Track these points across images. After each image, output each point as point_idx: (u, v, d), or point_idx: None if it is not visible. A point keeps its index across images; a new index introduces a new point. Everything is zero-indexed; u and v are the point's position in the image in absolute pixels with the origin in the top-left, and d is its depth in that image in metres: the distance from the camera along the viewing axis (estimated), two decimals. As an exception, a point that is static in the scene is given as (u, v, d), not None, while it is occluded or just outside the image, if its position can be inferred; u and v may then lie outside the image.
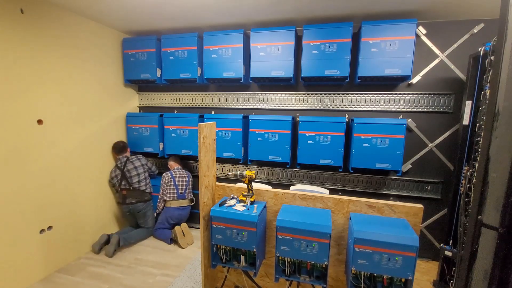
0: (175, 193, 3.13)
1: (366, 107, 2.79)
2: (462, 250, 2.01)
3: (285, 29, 2.66)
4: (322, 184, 2.98)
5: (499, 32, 1.08)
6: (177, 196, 3.13)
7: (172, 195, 3.13)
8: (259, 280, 2.12)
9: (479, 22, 2.44)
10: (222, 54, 2.86)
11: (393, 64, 2.42)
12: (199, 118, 3.13)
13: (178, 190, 3.14)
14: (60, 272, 2.54)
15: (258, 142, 2.89)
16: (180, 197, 3.15)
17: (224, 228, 1.78)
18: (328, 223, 1.61)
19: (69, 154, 2.64)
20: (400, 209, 1.70)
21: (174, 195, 3.13)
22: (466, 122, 2.18)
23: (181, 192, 3.15)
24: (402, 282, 1.50)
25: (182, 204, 3.16)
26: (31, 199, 2.31)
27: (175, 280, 2.44)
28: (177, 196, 3.13)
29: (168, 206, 3.13)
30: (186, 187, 3.18)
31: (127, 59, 3.20)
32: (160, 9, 2.51)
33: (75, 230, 2.75)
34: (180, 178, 3.18)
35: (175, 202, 3.13)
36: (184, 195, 3.17)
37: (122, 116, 3.33)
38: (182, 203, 3.16)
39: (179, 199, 3.14)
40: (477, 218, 1.14)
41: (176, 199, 3.13)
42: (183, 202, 3.17)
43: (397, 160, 2.52)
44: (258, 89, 3.12)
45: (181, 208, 3.15)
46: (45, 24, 2.36)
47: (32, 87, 2.28)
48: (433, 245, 2.78)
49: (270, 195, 1.96)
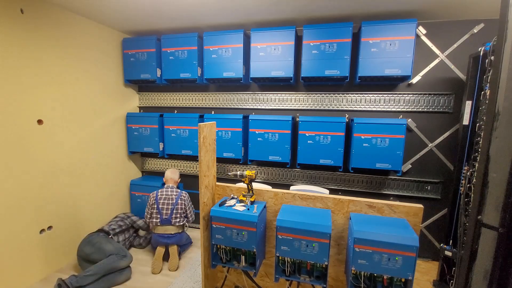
0: (159, 218, 2.66)
1: (366, 107, 2.79)
2: (462, 250, 2.01)
3: (285, 29, 2.66)
4: (322, 184, 2.98)
5: (499, 32, 1.08)
6: (161, 222, 2.66)
7: (155, 220, 2.67)
8: (259, 280, 2.12)
9: (479, 22, 2.44)
10: (222, 54, 2.86)
11: (393, 64, 2.42)
12: (199, 118, 3.13)
13: (162, 215, 2.66)
14: (60, 272, 2.54)
15: (258, 142, 2.89)
16: (165, 223, 2.65)
17: (224, 228, 1.78)
18: (328, 223, 1.61)
19: (69, 154, 2.64)
20: (400, 209, 1.70)
21: (158, 220, 2.66)
22: (466, 122, 2.18)
23: (165, 217, 2.66)
24: (402, 282, 1.50)
25: (168, 231, 2.65)
26: (31, 199, 2.31)
27: (175, 280, 2.44)
28: (160, 221, 2.66)
29: (153, 232, 2.70)
30: (172, 211, 2.68)
31: (127, 59, 3.19)
32: (160, 9, 2.51)
33: (75, 230, 2.75)
34: (165, 201, 2.70)
35: (160, 229, 2.66)
36: (170, 220, 2.66)
37: (122, 116, 3.33)
38: (167, 229, 2.65)
39: (163, 225, 2.66)
40: (477, 218, 1.14)
41: (159, 224, 2.66)
42: (169, 229, 2.65)
43: (397, 160, 2.52)
44: (258, 89, 3.12)
45: (166, 236, 2.65)
46: (45, 24, 2.36)
47: (32, 87, 2.28)
48: (433, 245, 2.78)
49: (270, 195, 1.96)
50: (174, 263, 2.62)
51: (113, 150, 3.20)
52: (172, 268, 2.60)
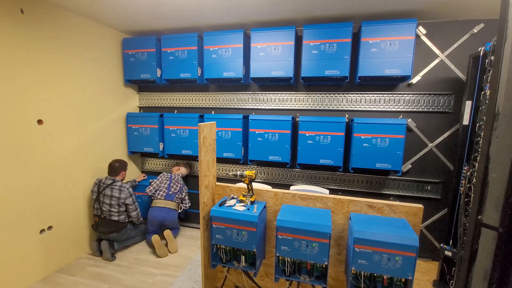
0: (165, 193, 3.00)
1: (366, 107, 2.79)
2: (462, 250, 2.01)
3: (285, 29, 2.66)
4: (322, 184, 2.98)
5: (499, 32, 1.08)
6: (165, 196, 2.99)
7: (162, 194, 3.00)
8: (259, 280, 2.12)
9: (479, 22, 2.44)
10: (222, 54, 2.86)
11: (393, 64, 2.42)
12: (199, 118, 3.13)
13: (169, 191, 3.02)
14: (60, 272, 2.54)
15: (258, 142, 2.89)
16: (168, 198, 2.99)
17: (224, 228, 1.78)
18: (328, 223, 1.61)
19: (69, 154, 2.64)
20: (400, 209, 1.70)
21: (163, 194, 2.99)
22: (466, 122, 2.18)
23: (171, 192, 3.02)
24: (402, 282, 1.50)
25: (167, 205, 2.96)
26: (31, 199, 2.31)
27: (175, 280, 2.44)
28: (165, 196, 2.99)
29: (153, 206, 2.97)
30: (178, 191, 3.07)
31: (127, 59, 3.20)
32: (160, 9, 2.51)
33: (75, 230, 2.75)
34: (176, 182, 3.10)
35: (161, 202, 2.96)
36: (173, 196, 3.02)
37: (122, 116, 3.33)
38: (167, 204, 2.97)
39: (166, 199, 2.98)
40: (477, 218, 1.14)
41: (163, 198, 2.98)
42: (169, 203, 2.98)
43: (397, 160, 2.52)
44: (258, 89, 3.12)
45: (165, 209, 2.94)
46: (45, 24, 2.36)
47: (32, 87, 2.28)
48: (433, 245, 2.78)
49: (270, 195, 1.96)
50: (173, 245, 2.88)
51: (113, 150, 3.20)
52: (173, 250, 2.87)
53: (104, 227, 2.73)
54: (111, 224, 2.75)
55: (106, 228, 2.73)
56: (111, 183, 2.78)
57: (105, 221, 2.74)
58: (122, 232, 2.81)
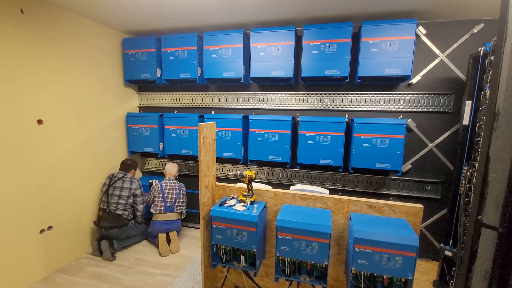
0: (163, 206, 2.92)
1: (366, 107, 2.78)
2: (462, 250, 2.01)
3: (285, 29, 2.66)
4: (322, 184, 2.98)
5: (499, 32, 1.08)
6: (165, 209, 2.91)
7: (160, 208, 2.91)
8: (259, 280, 2.12)
9: (479, 22, 2.44)
10: (222, 54, 2.86)
11: (393, 64, 2.42)
12: (199, 118, 3.13)
13: (166, 203, 2.93)
14: (60, 272, 2.54)
15: (258, 142, 2.89)
16: (168, 210, 2.92)
17: (224, 228, 1.78)
18: (328, 223, 1.61)
19: (69, 154, 2.63)
20: (400, 209, 1.70)
21: (162, 208, 2.91)
22: (466, 122, 2.18)
23: (169, 205, 2.94)
24: (402, 282, 1.50)
25: (170, 218, 2.92)
26: (31, 199, 2.31)
27: (175, 280, 2.44)
28: (164, 209, 2.91)
29: (154, 220, 2.91)
30: (175, 200, 2.97)
31: (127, 59, 3.19)
32: (160, 9, 2.51)
33: (75, 230, 2.75)
34: (170, 190, 2.98)
35: (162, 216, 2.91)
36: (173, 207, 2.94)
37: (122, 116, 3.33)
38: (169, 216, 2.92)
39: (166, 212, 2.91)
40: (477, 218, 1.14)
41: (163, 212, 2.90)
42: (171, 215, 2.93)
43: (397, 160, 2.52)
44: (258, 89, 3.12)
45: (168, 222, 2.92)
46: (45, 24, 2.36)
47: (32, 87, 2.28)
48: (433, 245, 2.78)
49: (270, 195, 1.96)
50: (176, 246, 2.92)
51: (113, 150, 3.20)
52: (174, 251, 2.90)
53: (107, 221, 2.76)
54: (115, 218, 2.79)
55: (108, 222, 2.76)
56: (123, 176, 2.93)
57: (109, 215, 2.79)
58: (123, 229, 2.83)
